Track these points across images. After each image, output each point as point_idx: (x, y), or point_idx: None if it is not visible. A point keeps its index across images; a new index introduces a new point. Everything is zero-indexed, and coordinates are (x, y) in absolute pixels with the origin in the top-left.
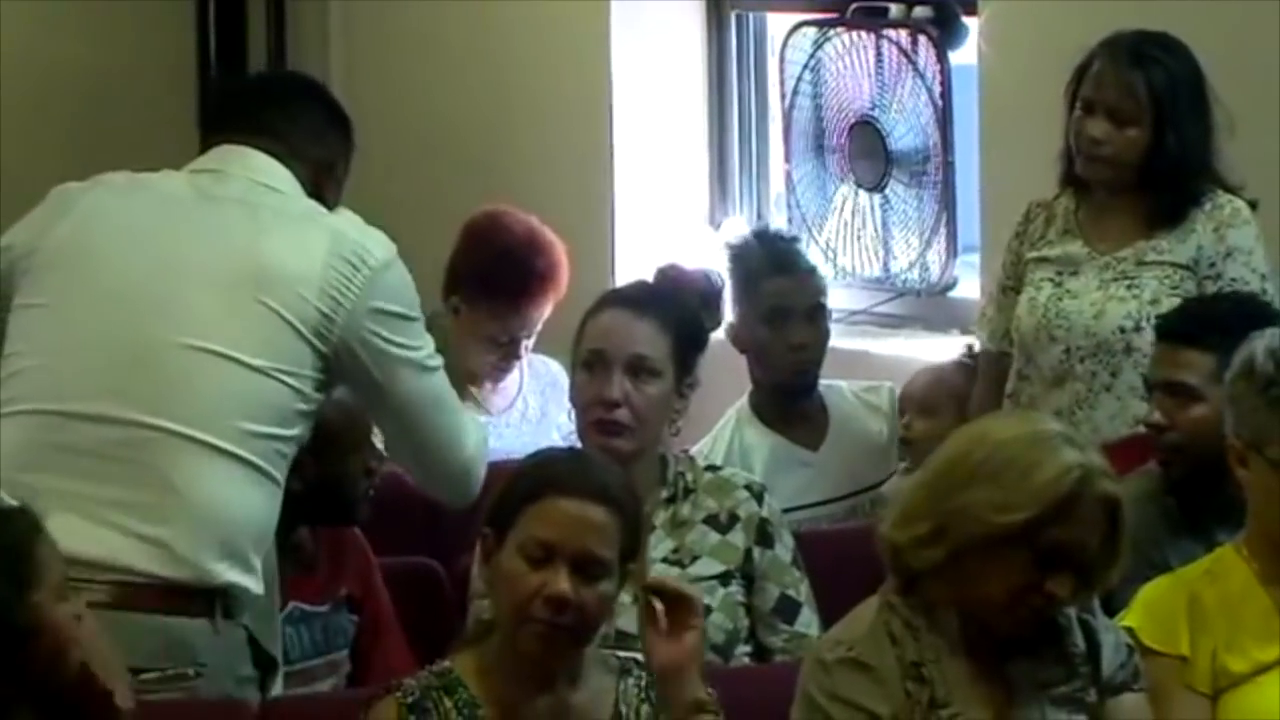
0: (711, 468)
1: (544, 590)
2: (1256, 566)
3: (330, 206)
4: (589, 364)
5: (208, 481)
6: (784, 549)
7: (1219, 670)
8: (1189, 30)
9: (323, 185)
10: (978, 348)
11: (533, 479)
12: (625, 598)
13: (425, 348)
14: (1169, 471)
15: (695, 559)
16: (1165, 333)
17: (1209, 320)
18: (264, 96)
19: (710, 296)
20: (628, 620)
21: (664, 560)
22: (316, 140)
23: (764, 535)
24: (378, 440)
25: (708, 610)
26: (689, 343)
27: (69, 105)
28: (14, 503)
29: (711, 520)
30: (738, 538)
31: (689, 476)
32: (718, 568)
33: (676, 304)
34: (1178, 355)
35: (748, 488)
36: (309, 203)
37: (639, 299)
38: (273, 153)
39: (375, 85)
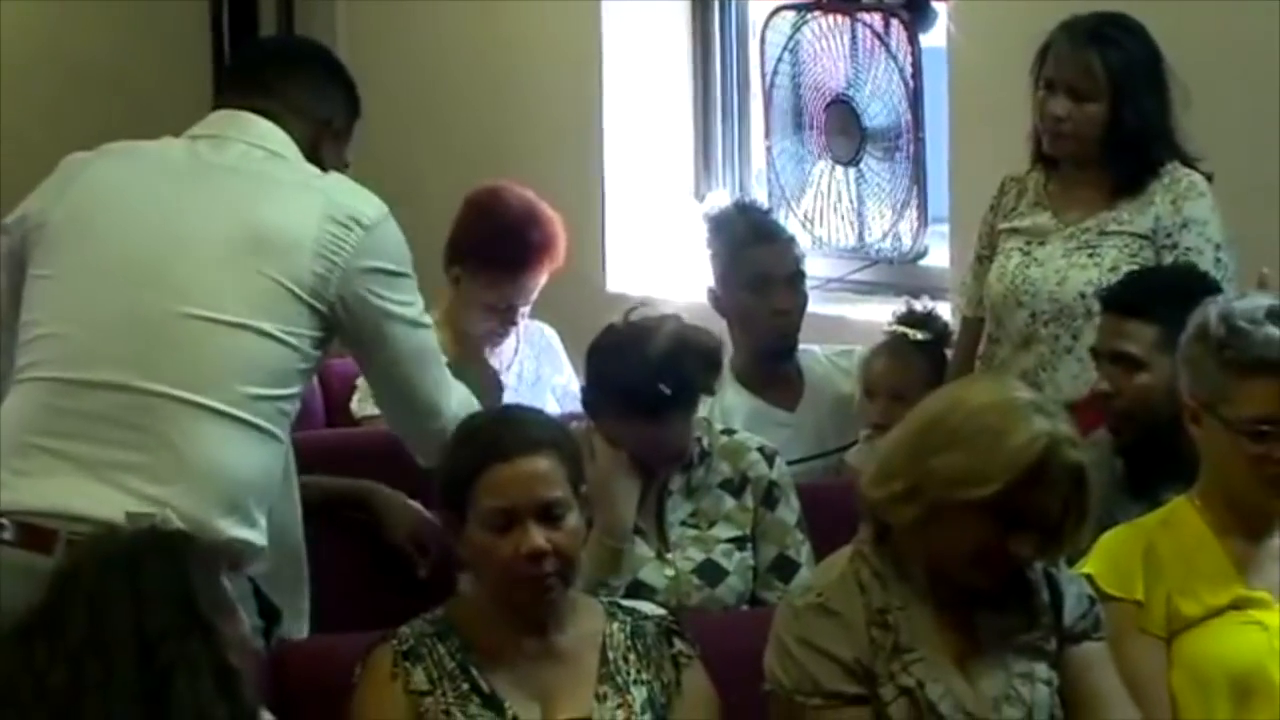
0: (726, 431)
1: (521, 549)
2: (1209, 517)
3: (328, 167)
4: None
5: (210, 444)
6: (789, 511)
7: (1173, 614)
8: (1148, 10)
9: (321, 143)
10: (893, 327)
11: (469, 454)
12: (648, 551)
13: (416, 304)
14: (1119, 437)
15: (713, 523)
16: (1110, 304)
17: (1152, 292)
18: (269, 56)
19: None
20: (648, 573)
21: (683, 523)
22: (316, 96)
23: (769, 497)
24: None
25: (724, 573)
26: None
27: (82, 79)
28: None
29: (726, 485)
30: (748, 501)
31: (705, 440)
32: (734, 532)
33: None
34: (1122, 326)
35: (760, 450)
36: (304, 168)
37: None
38: (272, 112)
39: (379, 61)
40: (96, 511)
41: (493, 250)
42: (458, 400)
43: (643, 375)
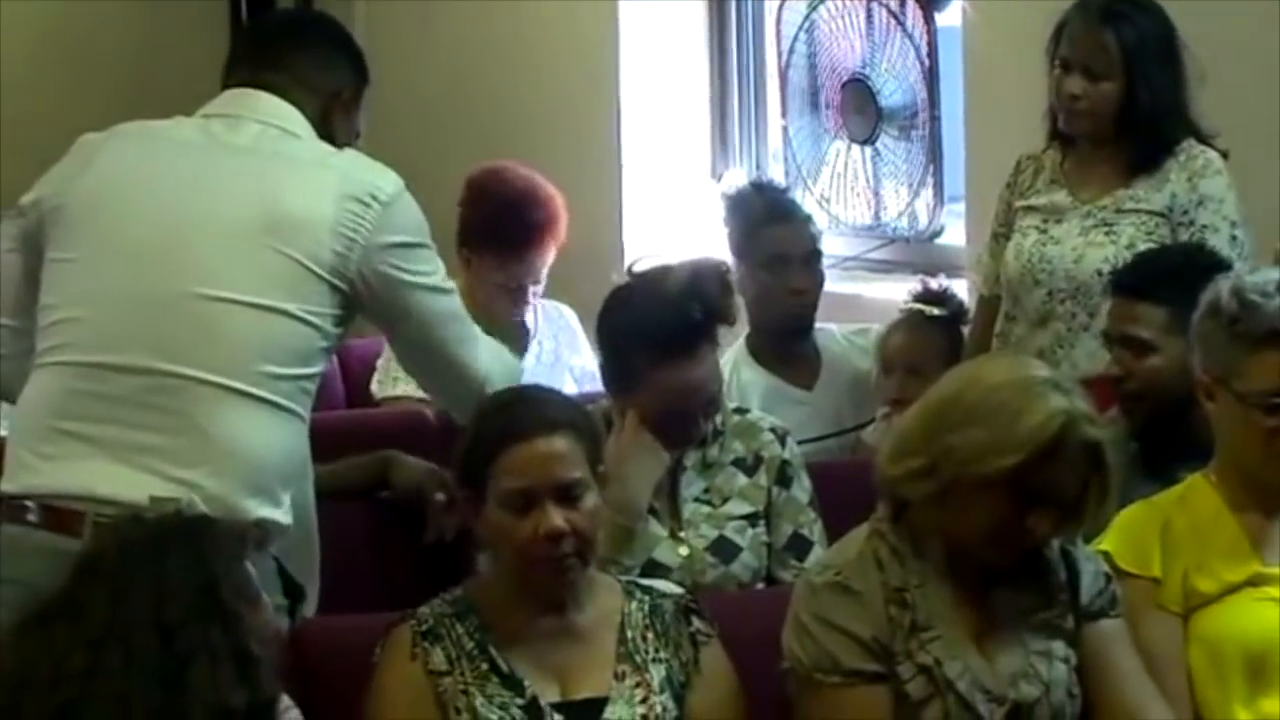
0: (739, 410)
1: (539, 530)
2: (1226, 493)
3: (340, 140)
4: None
5: (235, 424)
6: (801, 490)
7: (1189, 591)
8: None
9: (332, 115)
10: (910, 304)
11: (488, 434)
12: (662, 530)
13: (438, 271)
14: (1131, 419)
15: (726, 500)
16: (1119, 287)
17: (1160, 274)
18: (275, 30)
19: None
20: (662, 552)
21: (696, 500)
22: (324, 68)
23: (783, 476)
24: None
25: (738, 550)
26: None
27: (101, 63)
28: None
29: (739, 463)
30: (762, 479)
31: (719, 419)
32: (746, 509)
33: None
34: (1131, 309)
35: (772, 430)
36: (319, 145)
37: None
38: (281, 87)
39: (398, 46)
40: (123, 494)
41: (495, 230)
42: (488, 353)
43: (671, 308)
